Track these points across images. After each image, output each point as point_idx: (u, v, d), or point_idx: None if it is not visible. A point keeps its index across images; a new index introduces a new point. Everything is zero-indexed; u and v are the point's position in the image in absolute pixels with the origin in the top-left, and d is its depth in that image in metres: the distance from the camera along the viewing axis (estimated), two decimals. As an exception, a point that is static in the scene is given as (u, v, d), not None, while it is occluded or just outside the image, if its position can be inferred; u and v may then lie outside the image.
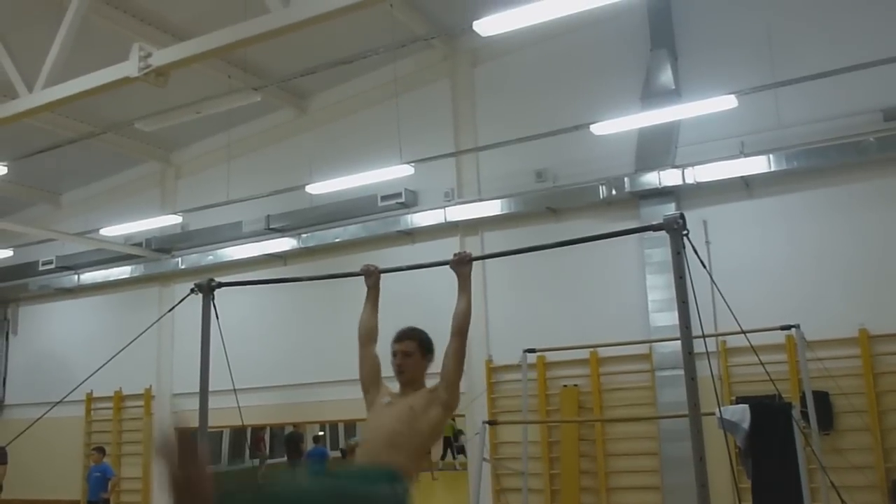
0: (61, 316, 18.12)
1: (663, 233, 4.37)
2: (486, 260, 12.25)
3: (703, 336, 4.96)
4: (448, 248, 12.56)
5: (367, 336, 4.75)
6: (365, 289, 4.96)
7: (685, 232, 4.30)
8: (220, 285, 5.50)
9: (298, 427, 19.80)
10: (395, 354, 4.34)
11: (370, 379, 4.57)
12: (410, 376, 4.29)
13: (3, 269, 18.18)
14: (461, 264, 4.65)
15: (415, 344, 4.36)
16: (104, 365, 6.65)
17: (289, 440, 19.82)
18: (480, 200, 13.01)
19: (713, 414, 7.04)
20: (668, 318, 10.94)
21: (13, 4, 10.80)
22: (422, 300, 11.06)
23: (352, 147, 14.11)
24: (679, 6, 12.05)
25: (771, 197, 11.19)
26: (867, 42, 10.46)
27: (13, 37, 9.63)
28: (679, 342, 4.38)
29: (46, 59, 8.60)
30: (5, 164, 12.23)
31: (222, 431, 21.54)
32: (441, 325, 4.60)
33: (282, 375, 14.39)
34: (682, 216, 4.31)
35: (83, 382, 7.07)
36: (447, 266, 4.76)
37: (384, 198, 13.57)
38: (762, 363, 7.09)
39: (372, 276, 5.00)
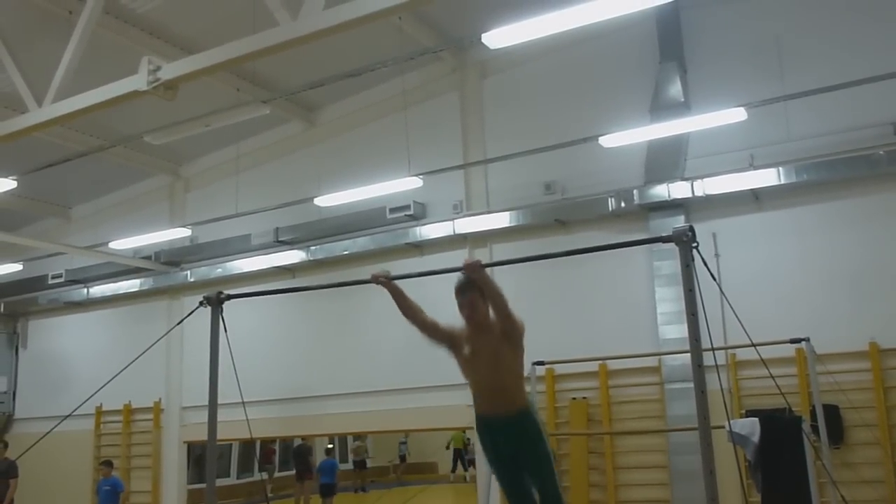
0: (71, 329, 18.16)
1: (672, 245, 4.35)
2: (495, 272, 12.21)
3: (713, 349, 4.94)
4: (457, 260, 12.32)
5: (419, 319, 5.27)
6: (377, 300, 5.01)
7: (695, 244, 4.28)
8: (229, 297, 5.49)
9: (307, 440, 19.80)
10: (462, 306, 5.07)
11: (444, 337, 5.22)
12: (480, 318, 5.03)
13: (12, 283, 18.25)
14: (473, 271, 4.71)
15: (476, 294, 5.00)
16: (114, 378, 6.65)
17: (297, 453, 19.82)
18: (489, 213, 13.00)
19: (723, 427, 7.00)
20: (677, 331, 10.91)
21: (23, 20, 10.85)
22: (432, 312, 11.04)
23: (360, 159, 14.13)
24: (688, 19, 12.04)
25: (781, 210, 11.15)
26: (878, 55, 10.43)
27: (23, 52, 9.69)
28: (688, 355, 4.36)
29: (56, 74, 8.66)
30: (15, 177, 12.27)
31: (231, 444, 21.53)
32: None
33: (291, 388, 14.37)
34: (691, 229, 4.29)
35: (93, 396, 7.05)
36: (456, 277, 4.80)
37: (393, 210, 13.58)
38: (772, 376, 7.04)
39: (382, 281, 5.15)
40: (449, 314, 5.17)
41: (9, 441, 13.91)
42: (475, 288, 4.96)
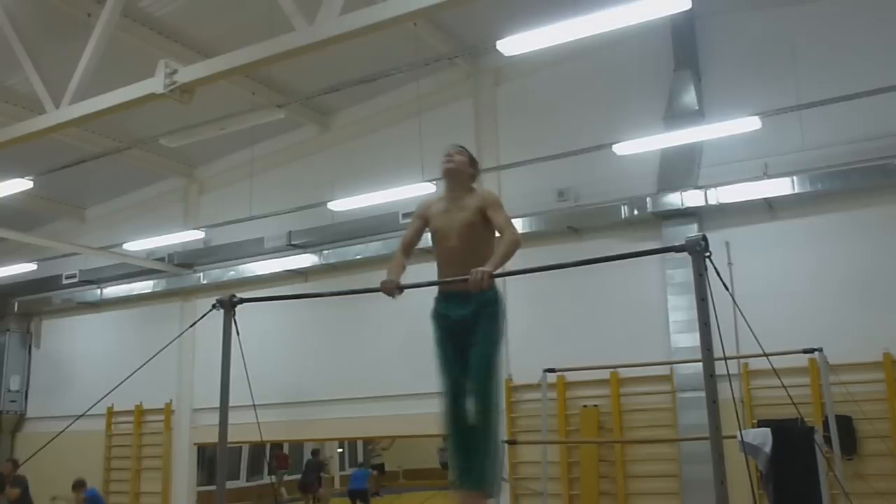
0: (84, 330, 18.23)
1: (685, 254, 4.33)
2: (506, 279, 12.22)
3: (725, 358, 4.90)
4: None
5: (409, 254, 5.48)
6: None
7: (707, 254, 4.26)
8: (242, 301, 5.49)
9: (320, 457, 19.66)
10: (446, 155, 5.13)
11: (420, 230, 5.41)
12: (458, 169, 5.12)
13: (26, 283, 18.31)
14: (481, 284, 4.61)
15: (463, 151, 5.24)
16: (126, 379, 6.67)
17: (308, 466, 19.46)
18: (502, 219, 12.95)
19: (734, 437, 6.97)
20: (689, 340, 10.87)
21: (41, 21, 10.93)
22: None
23: (374, 164, 14.15)
24: (703, 27, 12.03)
25: (794, 219, 11.12)
26: (893, 65, 10.40)
27: (41, 53, 9.76)
28: (700, 364, 4.34)
29: (73, 76, 8.71)
30: (31, 178, 12.34)
31: (241, 447, 21.54)
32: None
33: (302, 392, 14.37)
34: (704, 238, 4.26)
35: (105, 397, 7.07)
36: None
37: (406, 215, 13.55)
38: (784, 386, 7.01)
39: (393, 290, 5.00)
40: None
41: (20, 439, 13.95)
42: (464, 148, 5.24)
